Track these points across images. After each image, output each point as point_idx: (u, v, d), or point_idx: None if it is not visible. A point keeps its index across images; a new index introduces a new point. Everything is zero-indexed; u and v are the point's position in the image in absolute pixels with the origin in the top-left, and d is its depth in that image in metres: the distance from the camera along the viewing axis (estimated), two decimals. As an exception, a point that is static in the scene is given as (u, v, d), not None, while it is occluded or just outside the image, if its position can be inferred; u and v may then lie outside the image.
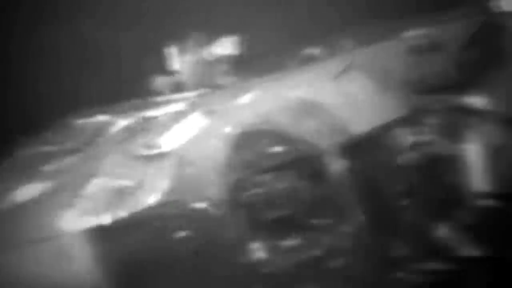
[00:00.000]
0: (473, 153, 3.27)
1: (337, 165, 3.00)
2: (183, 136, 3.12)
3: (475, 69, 3.44)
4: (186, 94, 3.81)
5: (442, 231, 3.17)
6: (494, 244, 3.24)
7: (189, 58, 4.07)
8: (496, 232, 3.26)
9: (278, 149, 3.02)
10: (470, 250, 3.11)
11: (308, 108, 3.18)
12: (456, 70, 3.33)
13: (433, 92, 3.36)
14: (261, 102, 3.27)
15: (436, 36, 3.39)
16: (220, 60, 4.06)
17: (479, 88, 3.50)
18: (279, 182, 2.99)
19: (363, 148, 3.16)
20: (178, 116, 3.35)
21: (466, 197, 3.23)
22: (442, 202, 3.22)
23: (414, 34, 3.68)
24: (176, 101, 3.59)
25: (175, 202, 2.88)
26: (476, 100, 3.49)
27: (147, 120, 3.51)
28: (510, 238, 3.30)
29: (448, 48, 3.32)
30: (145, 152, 3.10)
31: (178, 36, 4.19)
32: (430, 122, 3.24)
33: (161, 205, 2.88)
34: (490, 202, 3.25)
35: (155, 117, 3.52)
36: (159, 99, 3.84)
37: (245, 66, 4.18)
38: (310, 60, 4.12)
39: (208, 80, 4.02)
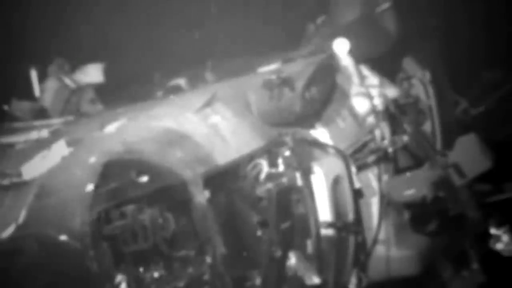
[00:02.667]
0: (317, 185, 3.44)
1: (200, 196, 3.02)
2: (44, 165, 3.03)
3: (316, 105, 3.65)
4: (49, 121, 3.72)
5: (292, 261, 3.29)
6: (332, 271, 3.44)
7: (52, 84, 3.98)
8: (334, 260, 3.45)
9: (143, 179, 3.01)
10: (313, 279, 3.24)
11: (173, 138, 3.19)
12: (301, 105, 3.51)
13: (284, 125, 3.52)
14: (127, 131, 3.24)
15: (285, 72, 3.55)
16: (85, 87, 4.01)
17: (320, 122, 3.71)
18: (143, 213, 2.97)
19: (225, 179, 3.22)
20: (40, 143, 3.27)
21: (312, 227, 3.36)
22: (292, 232, 3.33)
23: (267, 70, 3.84)
24: (38, 128, 3.50)
25: (31, 236, 2.78)
26: (319, 134, 3.69)
27: (5, 147, 3.39)
28: (345, 264, 3.51)
29: (294, 84, 3.50)
30: (1, 181, 2.99)
31: (40, 61, 4.10)
32: (282, 154, 3.37)
33: (13, 239, 2.78)
34: (329, 232, 3.43)
35: (14, 144, 3.41)
36: (19, 125, 3.72)
37: (111, 95, 4.15)
38: (176, 90, 4.17)
39: (72, 108, 3.95)
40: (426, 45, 4.60)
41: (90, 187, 2.85)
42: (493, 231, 4.02)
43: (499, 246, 3.99)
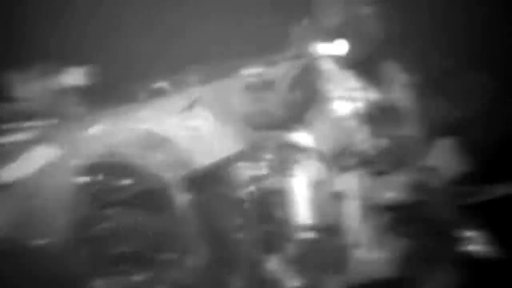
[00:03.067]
0: (299, 188, 3.47)
1: (181, 198, 3.05)
2: (27, 167, 3.05)
3: (299, 108, 3.68)
4: (32, 123, 3.72)
5: (272, 264, 3.32)
6: (313, 274, 3.48)
7: (36, 85, 3.98)
8: (315, 263, 3.48)
9: (125, 181, 3.03)
10: (293, 282, 3.27)
11: (155, 141, 3.22)
12: (284, 109, 3.54)
13: (266, 128, 3.55)
14: (109, 134, 3.27)
15: (268, 75, 3.59)
16: (69, 89, 4.01)
17: (303, 126, 3.74)
18: (125, 216, 2.99)
19: (206, 181, 3.24)
20: (23, 145, 3.28)
21: (292, 230, 3.40)
22: (272, 235, 3.36)
23: (250, 73, 3.87)
24: (21, 130, 3.51)
25: (12, 239, 2.80)
26: (301, 138, 3.72)
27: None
28: (326, 267, 3.55)
29: (277, 88, 3.54)
30: (-17, 183, 3.00)
31: (24, 63, 4.09)
32: (265, 157, 3.40)
33: None
34: (310, 235, 3.46)
35: (-3, 145, 3.42)
36: (2, 127, 3.73)
37: (95, 97, 4.15)
38: (159, 93, 4.18)
39: (56, 110, 3.95)
40: (409, 48, 4.64)
41: (73, 190, 2.87)
42: (470, 233, 4.06)
43: (475, 248, 4.04)
